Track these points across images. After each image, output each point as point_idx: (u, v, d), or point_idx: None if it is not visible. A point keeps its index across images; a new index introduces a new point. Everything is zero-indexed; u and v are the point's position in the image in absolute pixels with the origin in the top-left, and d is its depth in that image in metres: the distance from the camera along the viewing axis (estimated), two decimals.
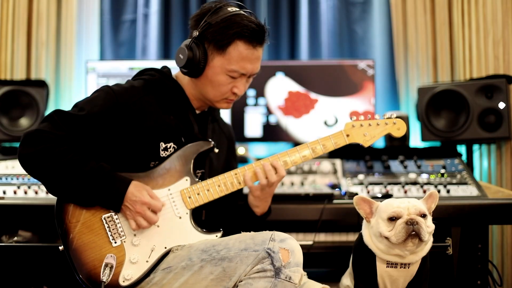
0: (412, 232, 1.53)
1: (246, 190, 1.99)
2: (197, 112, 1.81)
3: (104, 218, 1.60)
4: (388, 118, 1.78)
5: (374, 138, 1.78)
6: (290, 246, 1.49)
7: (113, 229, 1.60)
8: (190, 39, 1.67)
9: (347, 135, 1.77)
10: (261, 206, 1.83)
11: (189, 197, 1.67)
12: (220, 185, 1.70)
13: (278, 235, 1.52)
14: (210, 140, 1.76)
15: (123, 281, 1.56)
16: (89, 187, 1.55)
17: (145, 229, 1.61)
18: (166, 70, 1.79)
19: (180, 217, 1.66)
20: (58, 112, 1.59)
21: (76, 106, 1.64)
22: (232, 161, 1.98)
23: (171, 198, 1.66)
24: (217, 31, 1.64)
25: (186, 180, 1.69)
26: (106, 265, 1.53)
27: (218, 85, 1.69)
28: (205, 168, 1.80)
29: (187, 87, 1.76)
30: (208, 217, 1.81)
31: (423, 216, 1.57)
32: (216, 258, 1.52)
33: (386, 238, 1.57)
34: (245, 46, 1.65)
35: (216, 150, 1.78)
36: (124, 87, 1.69)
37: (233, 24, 1.63)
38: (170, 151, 1.71)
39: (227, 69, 1.67)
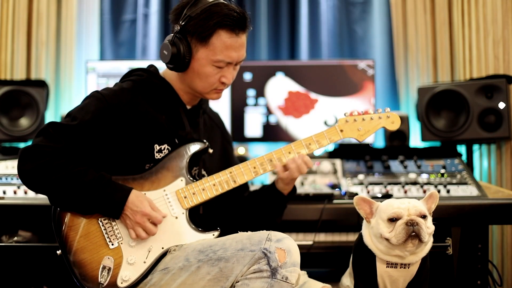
0: (412, 233, 1.53)
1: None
2: (188, 107, 1.81)
3: (101, 221, 1.60)
4: (381, 112, 1.78)
5: (368, 132, 1.78)
6: (286, 246, 1.49)
7: (109, 231, 1.60)
8: (173, 34, 1.67)
9: (341, 130, 1.77)
10: (290, 187, 1.87)
11: (185, 197, 1.67)
12: (215, 184, 1.70)
13: (275, 234, 1.51)
14: (204, 141, 1.76)
15: (121, 283, 1.56)
16: (90, 197, 1.55)
17: None
18: (153, 69, 1.79)
19: (177, 217, 1.66)
20: (52, 125, 1.59)
21: (68, 115, 1.64)
22: (228, 147, 2.00)
23: (166, 199, 1.67)
24: (198, 23, 1.63)
25: (181, 180, 1.69)
26: (104, 267, 1.54)
27: (206, 77, 1.69)
28: (199, 164, 1.80)
29: (176, 83, 1.76)
30: (206, 213, 1.81)
31: (423, 217, 1.57)
32: (213, 258, 1.52)
33: (386, 239, 1.57)
34: (227, 34, 1.64)
35: (211, 151, 1.79)
36: (113, 90, 1.69)
37: (213, 14, 1.63)
38: (165, 152, 1.71)
39: (212, 60, 1.66)
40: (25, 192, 2.22)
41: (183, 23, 1.64)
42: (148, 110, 1.70)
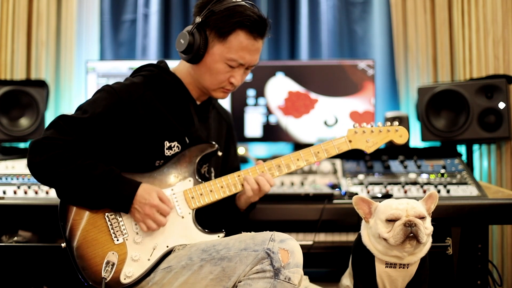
0: (410, 234, 1.53)
1: None
2: (198, 103, 1.82)
3: (107, 216, 1.61)
4: (390, 125, 1.81)
5: (376, 144, 1.81)
6: (289, 247, 1.49)
7: (115, 227, 1.61)
8: (192, 25, 1.69)
9: (350, 141, 1.80)
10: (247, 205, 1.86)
11: (192, 197, 1.69)
12: (223, 186, 1.72)
13: (278, 235, 1.52)
14: (213, 143, 1.78)
15: (124, 279, 1.57)
16: (99, 191, 1.56)
17: None
18: (163, 65, 1.81)
19: (183, 217, 1.67)
20: (62, 117, 1.60)
21: (79, 109, 1.65)
22: (230, 145, 2.01)
23: (174, 198, 1.68)
24: (220, 19, 1.66)
25: (190, 181, 1.71)
26: (108, 262, 1.55)
27: (216, 73, 1.71)
28: (209, 162, 1.82)
29: (186, 78, 1.78)
30: (211, 215, 1.82)
31: (422, 218, 1.57)
32: (215, 257, 1.52)
33: (384, 239, 1.57)
34: (246, 36, 1.67)
35: (220, 154, 1.81)
36: (125, 84, 1.70)
37: (236, 13, 1.66)
38: (175, 150, 1.72)
39: (226, 58, 1.69)
40: (25, 192, 2.22)
41: (205, 16, 1.67)
42: (159, 106, 1.71)
